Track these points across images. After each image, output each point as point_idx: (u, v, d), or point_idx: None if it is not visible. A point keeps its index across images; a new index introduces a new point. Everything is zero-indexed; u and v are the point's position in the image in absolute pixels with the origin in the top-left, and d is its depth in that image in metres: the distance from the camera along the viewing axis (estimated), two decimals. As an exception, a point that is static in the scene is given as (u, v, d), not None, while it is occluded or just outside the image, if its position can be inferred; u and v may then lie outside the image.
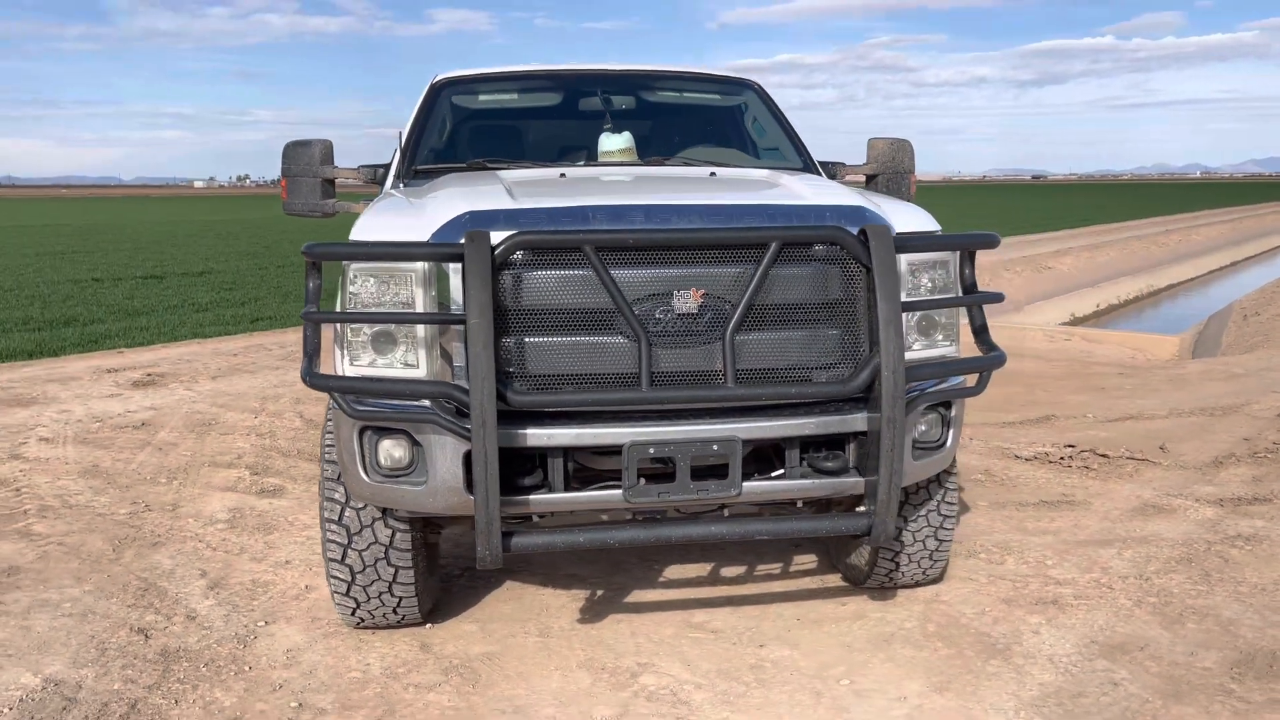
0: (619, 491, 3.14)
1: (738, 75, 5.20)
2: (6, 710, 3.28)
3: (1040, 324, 11.55)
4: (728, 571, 4.45)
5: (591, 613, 4.03)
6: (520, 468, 3.20)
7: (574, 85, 5.03)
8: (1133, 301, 20.91)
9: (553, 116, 5.04)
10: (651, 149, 4.78)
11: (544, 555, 4.50)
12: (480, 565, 3.03)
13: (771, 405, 3.21)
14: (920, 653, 3.62)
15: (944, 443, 3.52)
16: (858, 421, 3.21)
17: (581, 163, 4.49)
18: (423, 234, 3.14)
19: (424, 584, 3.76)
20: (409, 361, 3.18)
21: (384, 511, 3.50)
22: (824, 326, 3.19)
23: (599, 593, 4.24)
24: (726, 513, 3.44)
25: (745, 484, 3.21)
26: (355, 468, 3.26)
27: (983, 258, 19.79)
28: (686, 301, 3.06)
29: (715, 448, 3.13)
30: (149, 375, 8.86)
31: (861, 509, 3.31)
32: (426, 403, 3.11)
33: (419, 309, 3.13)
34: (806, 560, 4.53)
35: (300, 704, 3.35)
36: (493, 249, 2.94)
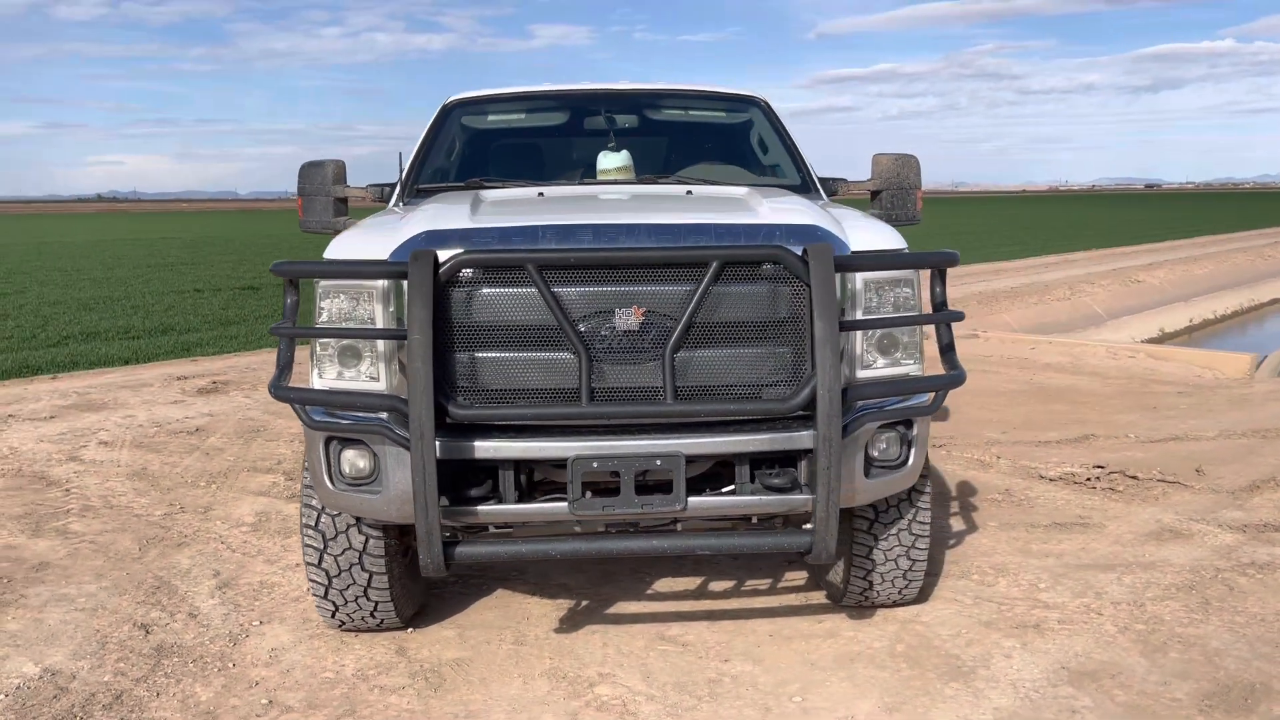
0: (565, 504, 3.22)
1: (743, 92, 5.24)
2: (3, 697, 3.51)
3: (1106, 340, 11.21)
4: (716, 586, 4.48)
5: (570, 622, 4.11)
6: (472, 479, 3.30)
7: (580, 105, 5.14)
8: (1231, 317, 20.08)
9: (559, 136, 5.16)
10: (653, 167, 4.86)
11: (499, 565, 4.60)
12: (424, 573, 3.15)
13: (718, 422, 3.24)
14: (881, 673, 3.60)
15: (905, 461, 3.50)
16: (804, 439, 3.23)
17: (579, 181, 4.59)
18: (384, 253, 3.28)
19: (402, 589, 3.88)
20: (372, 375, 3.32)
21: (356, 519, 3.64)
22: (768, 344, 3.22)
23: (583, 603, 4.31)
24: (679, 527, 3.48)
25: (692, 499, 3.25)
26: (322, 476, 3.41)
27: (1062, 271, 19.27)
28: (628, 319, 3.13)
29: (659, 462, 3.18)
30: (214, 383, 9.26)
31: (808, 526, 3.32)
32: (385, 415, 3.25)
33: (379, 325, 3.27)
34: (796, 578, 4.52)
35: (270, 701, 3.50)
36: (437, 267, 3.06)
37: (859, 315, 3.39)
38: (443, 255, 3.11)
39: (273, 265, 3.30)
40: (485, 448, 3.18)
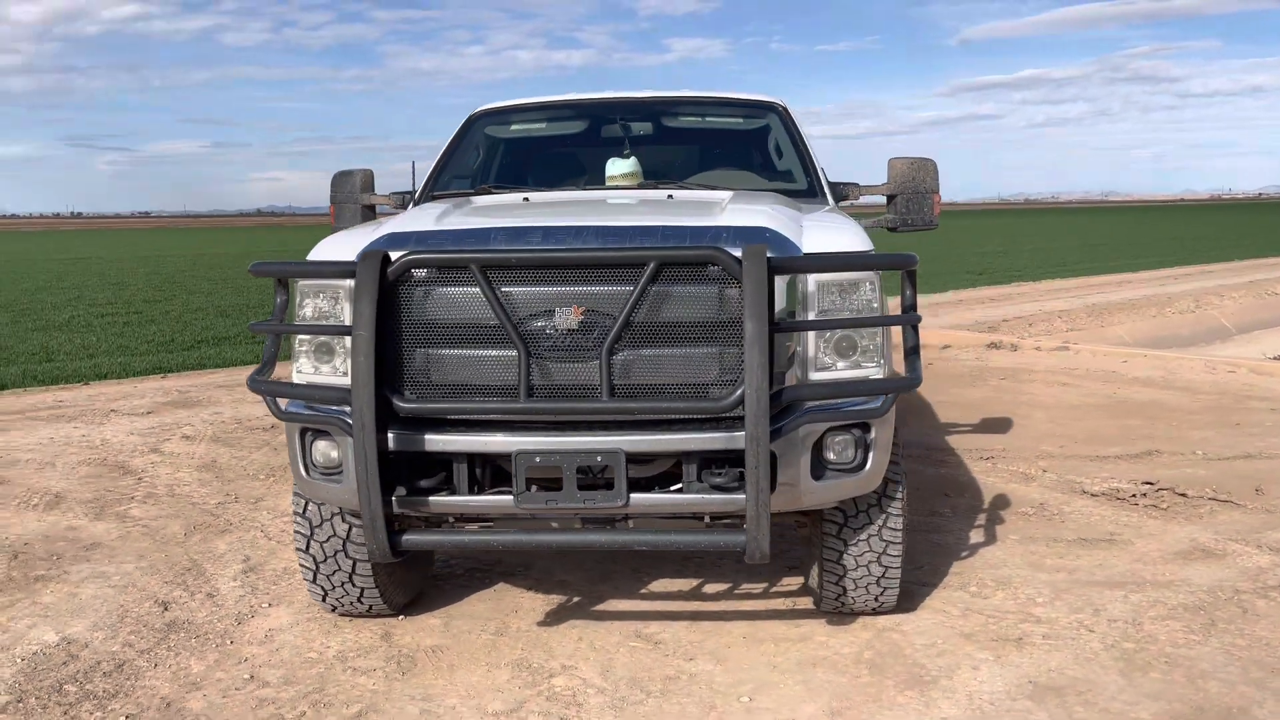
0: (510, 498, 3.32)
1: (761, 98, 5.26)
2: (19, 661, 3.83)
3: (1204, 355, 10.64)
4: (709, 588, 4.50)
5: (554, 616, 4.21)
6: (428, 471, 3.44)
7: (600, 113, 5.26)
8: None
9: (576, 144, 5.28)
10: (664, 173, 4.94)
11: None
12: (370, 559, 3.31)
13: (663, 420, 3.30)
14: (839, 678, 3.57)
15: (862, 465, 3.47)
16: (743, 439, 3.25)
17: (582, 187, 4.71)
18: (353, 254, 3.46)
19: (390, 578, 4.05)
20: (343, 370, 3.50)
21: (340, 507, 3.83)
22: (710, 345, 3.25)
23: (574, 599, 4.40)
24: (632, 524, 3.54)
25: (635, 496, 3.31)
26: (298, 466, 3.61)
27: (1193, 283, 18.33)
28: (568, 318, 3.22)
29: (599, 459, 3.25)
30: (303, 384, 9.73)
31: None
32: (346, 408, 3.42)
33: (347, 322, 3.45)
34: (791, 583, 4.51)
35: (252, 676, 3.71)
36: (385, 267, 3.21)
37: (811, 316, 3.39)
38: (398, 256, 3.26)
39: (251, 266, 3.53)
40: (435, 441, 3.32)
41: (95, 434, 7.69)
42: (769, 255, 3.26)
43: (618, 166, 4.75)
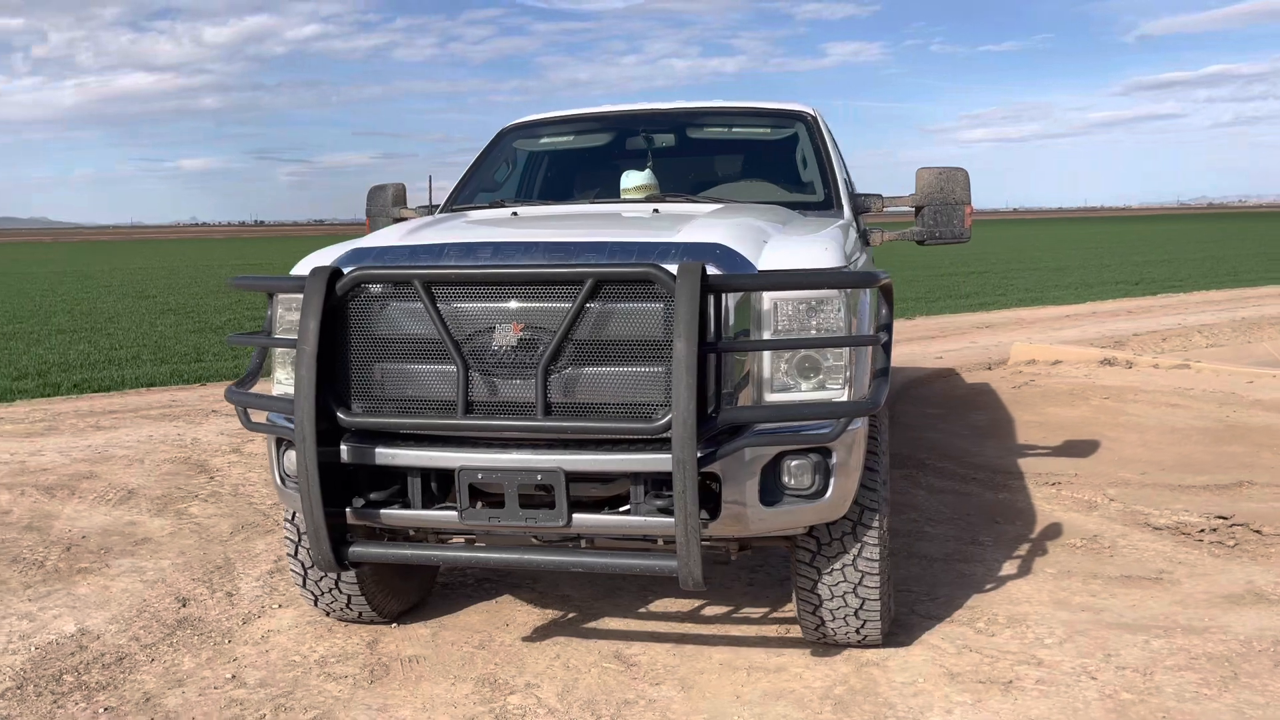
0: (454, 513, 3.33)
1: (790, 107, 5.11)
2: (33, 649, 4.08)
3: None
4: (709, 610, 4.40)
5: (541, 632, 4.19)
6: (386, 484, 3.48)
7: (627, 126, 5.22)
8: None
9: (600, 157, 5.24)
10: (683, 186, 4.87)
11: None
12: (317, 567, 3.36)
13: (607, 439, 3.23)
14: (798, 713, 3.43)
15: (821, 491, 3.32)
16: (711, 459, 3.15)
17: (593, 200, 4.68)
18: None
19: (379, 585, 4.11)
20: None
21: (323, 515, 3.91)
22: (649, 364, 3.16)
23: (569, 615, 4.37)
24: (583, 543, 3.49)
25: (578, 516, 3.26)
26: (273, 474, 3.71)
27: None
28: (508, 335, 3.20)
29: (539, 477, 3.22)
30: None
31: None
32: None
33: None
34: (792, 609, 4.35)
35: (233, 676, 3.84)
36: (333, 282, 3.27)
37: (766, 336, 3.27)
38: (349, 271, 3.32)
39: (228, 280, 3.66)
40: (384, 454, 3.36)
41: (189, 433, 8.13)
42: (715, 273, 3.16)
43: (632, 179, 4.71)
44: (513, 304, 3.22)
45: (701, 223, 3.59)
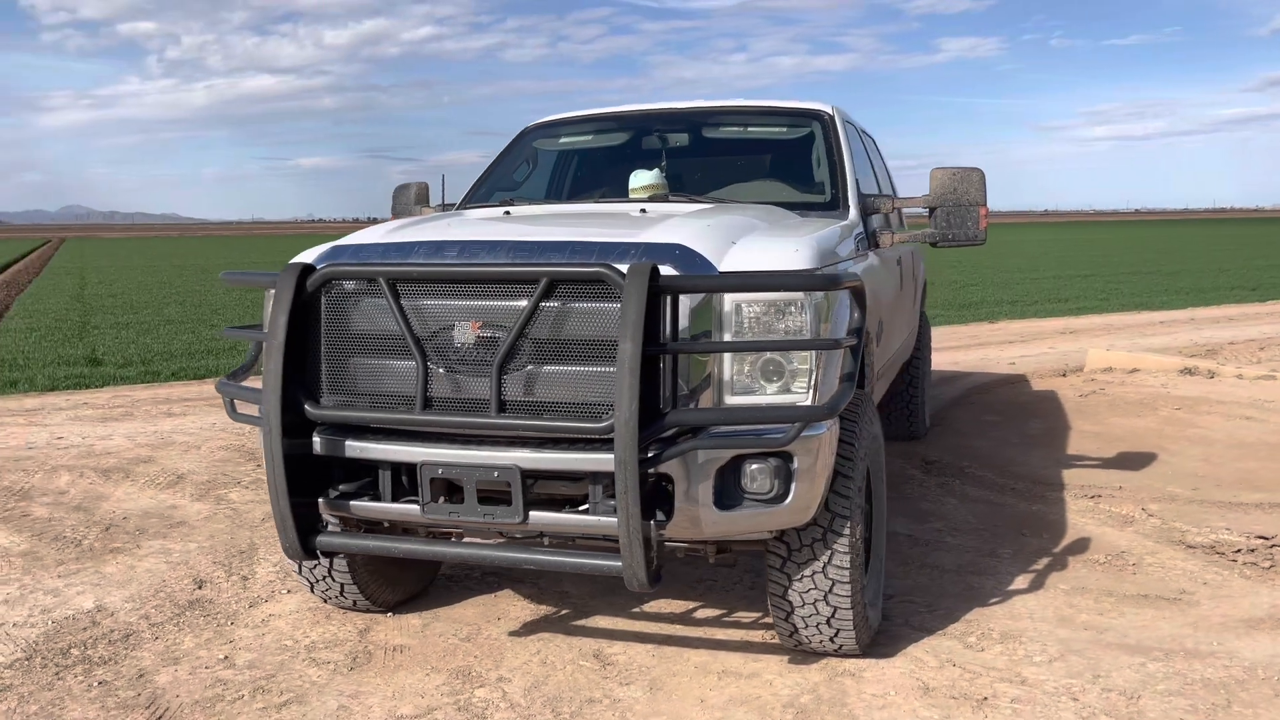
0: (417, 507, 3.38)
1: (807, 106, 5.03)
2: (50, 623, 4.29)
3: None
4: (702, 613, 4.37)
5: (530, 627, 4.23)
6: (360, 476, 3.56)
7: (643, 125, 5.22)
8: None
9: (616, 156, 5.24)
10: (693, 186, 4.86)
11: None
12: (287, 555, 3.46)
13: (566, 438, 3.24)
14: (757, 719, 3.39)
15: (782, 496, 3.27)
16: (645, 463, 3.13)
17: (598, 200, 4.70)
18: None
19: (373, 575, 4.20)
20: None
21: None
22: (604, 364, 3.16)
23: (563, 611, 4.40)
24: (546, 541, 3.51)
25: (534, 514, 3.28)
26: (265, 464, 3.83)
27: None
28: (466, 333, 3.24)
29: (496, 474, 3.25)
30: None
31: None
32: None
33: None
34: (784, 614, 4.29)
35: (226, 657, 3.98)
36: (303, 278, 3.36)
37: (726, 338, 3.23)
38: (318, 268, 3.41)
39: (221, 275, 3.79)
40: (354, 447, 3.43)
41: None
42: (671, 273, 3.15)
43: (639, 179, 4.70)
44: (472, 302, 3.27)
45: (675, 222, 3.58)
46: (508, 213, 4.21)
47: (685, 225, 3.51)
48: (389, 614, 4.37)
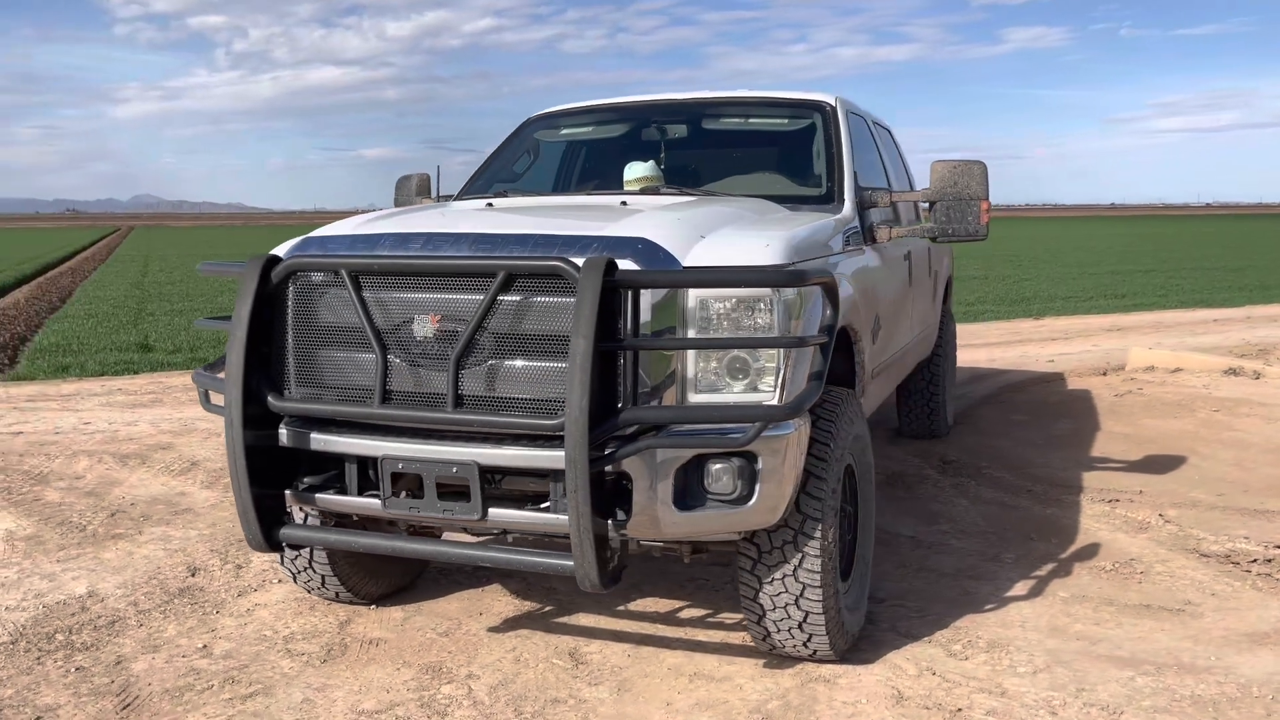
0: (379, 501, 3.36)
1: (809, 97, 4.90)
2: (41, 608, 4.35)
3: None
4: (687, 613, 4.29)
5: (510, 624, 4.19)
6: (324, 469, 3.54)
7: (644, 117, 5.13)
8: None
9: (616, 148, 5.15)
10: (690, 178, 4.78)
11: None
12: (250, 547, 3.45)
13: (524, 435, 3.19)
14: (718, 726, 3.31)
15: (745, 497, 3.18)
16: (599, 461, 3.07)
17: (591, 191, 4.64)
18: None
19: (354, 568, 4.19)
20: None
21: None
22: (559, 359, 3.10)
23: (545, 609, 4.36)
24: (510, 539, 3.47)
25: (493, 511, 3.24)
26: None
27: None
28: (425, 326, 3.20)
29: (455, 470, 3.21)
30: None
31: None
32: None
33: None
34: (769, 616, 4.20)
35: (204, 646, 3.99)
36: (268, 270, 3.35)
37: (690, 334, 3.16)
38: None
39: (198, 266, 3.80)
40: (319, 440, 3.42)
41: (274, 410, 8.50)
42: (631, 267, 3.09)
43: (635, 170, 4.63)
44: (432, 295, 3.23)
45: (645, 216, 3.50)
46: (490, 204, 4.16)
47: (655, 218, 3.44)
48: (372, 606, 4.36)
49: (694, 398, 3.18)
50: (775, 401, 3.17)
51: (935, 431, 7.21)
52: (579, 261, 3.01)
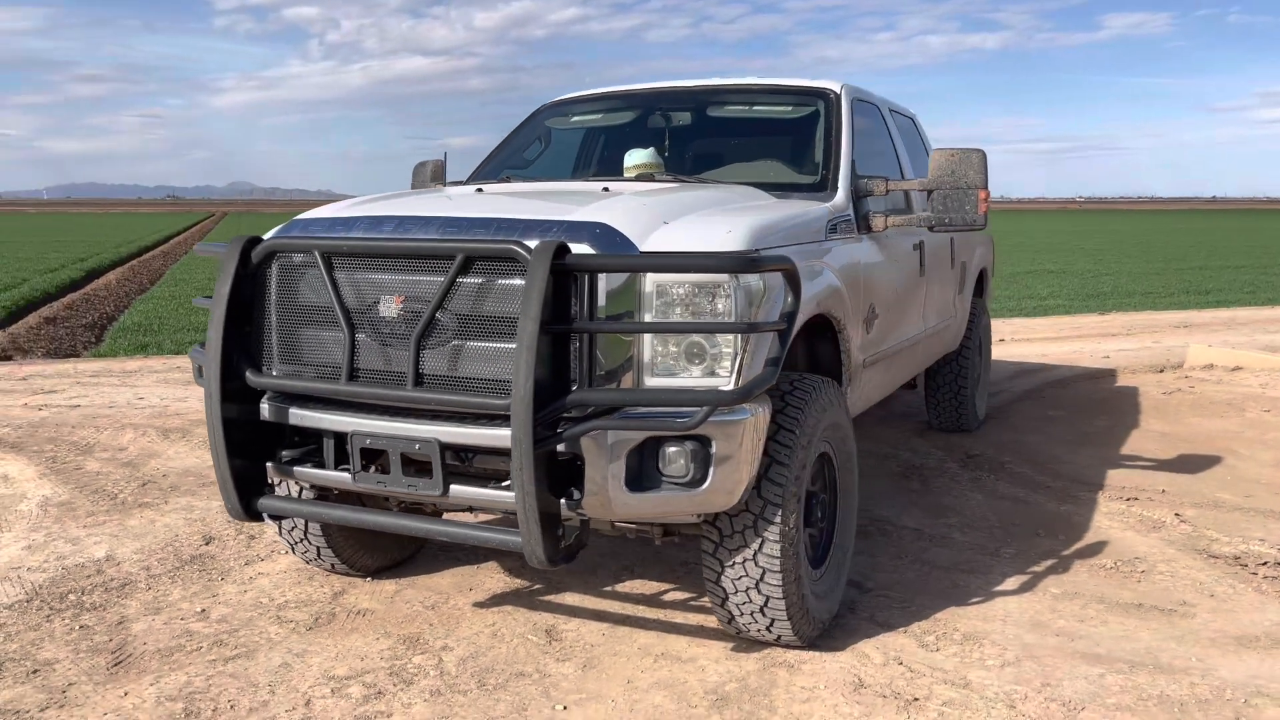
0: (349, 475, 3.47)
1: (813, 84, 4.88)
2: (60, 570, 4.58)
3: None
4: (672, 595, 4.34)
5: (498, 599, 4.29)
6: (303, 443, 3.67)
7: (651, 104, 5.17)
8: None
9: (621, 135, 5.19)
10: (695, 165, 4.82)
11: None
12: (230, 516, 3.60)
13: (484, 414, 3.27)
14: (673, 705, 3.35)
15: (699, 480, 3.22)
16: (546, 440, 3.14)
17: (589, 178, 4.70)
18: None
19: (349, 540, 4.33)
20: None
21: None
22: (513, 341, 3.17)
23: (534, 586, 4.45)
24: (476, 515, 3.55)
25: (455, 488, 3.33)
26: None
27: None
28: (391, 306, 3.30)
29: (418, 447, 3.31)
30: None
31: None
32: None
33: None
34: (750, 601, 4.23)
35: (203, 611, 4.18)
36: (248, 250, 3.48)
37: (646, 319, 3.20)
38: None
39: (196, 247, 3.97)
40: (296, 415, 3.54)
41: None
42: (587, 252, 3.15)
43: (634, 157, 4.67)
44: (398, 276, 3.32)
45: (613, 201, 3.55)
46: (480, 189, 4.25)
47: (621, 204, 3.48)
48: (367, 579, 4.50)
49: (650, 381, 3.22)
50: (731, 386, 3.20)
51: (964, 425, 7.11)
52: (532, 245, 3.08)
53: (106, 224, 67.22)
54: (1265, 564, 4.58)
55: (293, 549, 4.44)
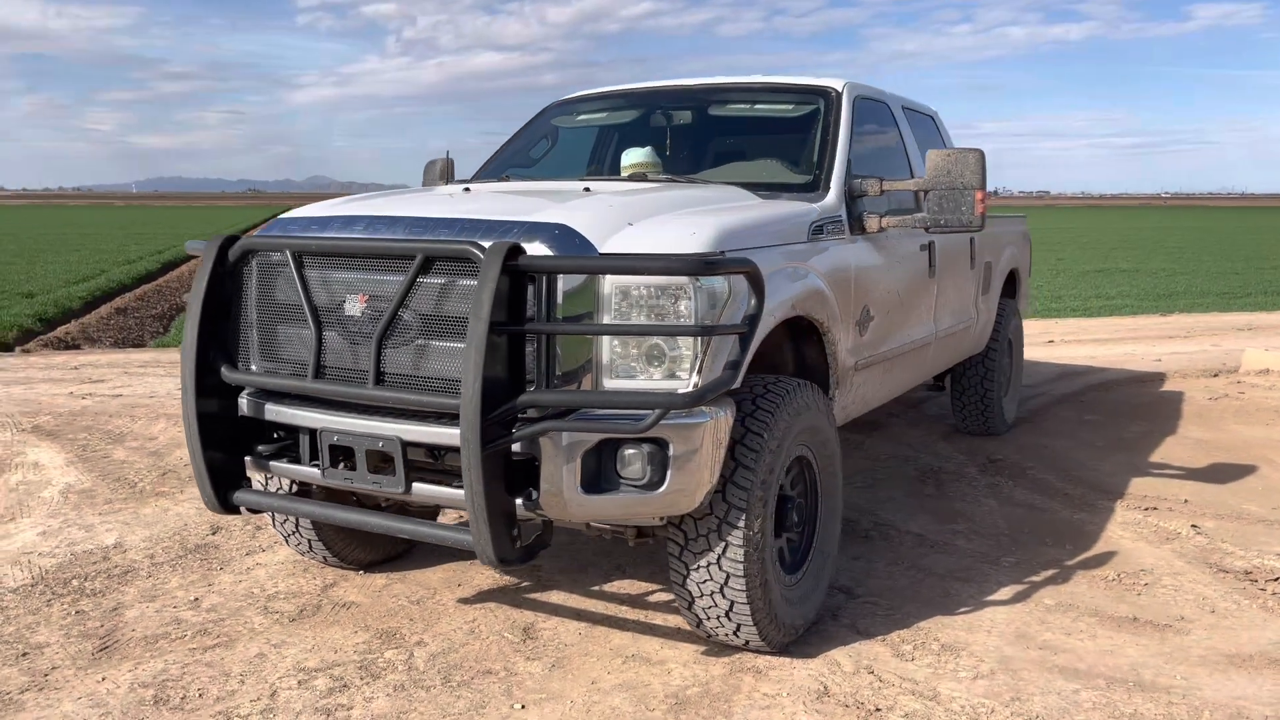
0: (319, 470, 3.53)
1: (814, 83, 4.80)
2: (69, 555, 4.73)
3: None
4: (658, 597, 4.32)
5: (482, 596, 4.32)
6: (279, 438, 3.74)
7: (655, 103, 5.14)
8: None
9: (624, 134, 5.18)
10: (693, 164, 4.79)
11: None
12: (207, 508, 3.68)
13: (446, 412, 3.29)
14: (631, 709, 3.34)
15: (657, 483, 3.20)
16: (497, 441, 3.15)
17: (583, 177, 4.71)
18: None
19: (339, 533, 4.39)
20: None
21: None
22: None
23: (521, 584, 4.47)
24: (451, 516, 3.57)
25: (417, 485, 3.35)
26: None
27: None
28: (356, 305, 3.34)
29: (381, 444, 3.34)
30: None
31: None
32: None
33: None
34: (733, 605, 4.19)
35: (196, 599, 4.28)
36: (225, 249, 3.55)
37: (605, 321, 3.19)
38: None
39: (188, 244, 4.06)
40: (271, 410, 3.61)
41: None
42: (545, 253, 3.15)
43: (631, 156, 4.67)
44: (363, 275, 3.36)
45: (581, 201, 3.54)
46: (467, 189, 4.27)
47: (586, 205, 3.48)
48: (361, 572, 4.56)
49: (610, 383, 3.21)
50: (690, 388, 3.17)
51: (991, 429, 6.97)
52: (487, 245, 3.09)
53: (189, 217, 69.18)
54: (1277, 579, 4.41)
55: (286, 541, 4.52)
